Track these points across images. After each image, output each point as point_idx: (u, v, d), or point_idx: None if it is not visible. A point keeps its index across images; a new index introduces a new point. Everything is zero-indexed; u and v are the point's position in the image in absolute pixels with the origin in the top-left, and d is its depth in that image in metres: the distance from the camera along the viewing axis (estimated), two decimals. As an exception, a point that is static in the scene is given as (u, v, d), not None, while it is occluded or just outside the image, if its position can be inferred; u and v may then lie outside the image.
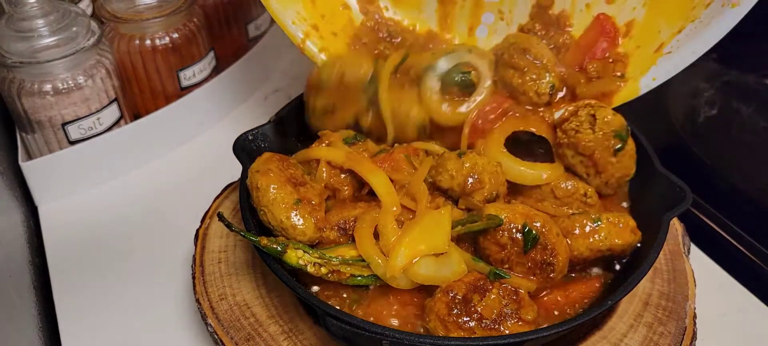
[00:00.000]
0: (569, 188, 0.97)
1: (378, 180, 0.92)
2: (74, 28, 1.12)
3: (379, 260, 0.84)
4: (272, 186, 0.87)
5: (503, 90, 1.02)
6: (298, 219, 0.86)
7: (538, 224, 0.86)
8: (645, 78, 1.02)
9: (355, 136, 1.02)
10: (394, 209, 0.90)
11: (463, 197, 0.93)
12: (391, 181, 0.94)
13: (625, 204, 1.01)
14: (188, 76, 1.33)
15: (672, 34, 1.01)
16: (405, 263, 0.83)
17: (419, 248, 0.84)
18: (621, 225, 0.89)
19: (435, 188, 0.94)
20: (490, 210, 0.87)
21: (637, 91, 1.02)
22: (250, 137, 1.00)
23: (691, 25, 0.99)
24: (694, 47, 0.98)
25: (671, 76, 1.00)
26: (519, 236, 0.85)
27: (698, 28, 0.98)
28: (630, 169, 0.97)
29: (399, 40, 1.14)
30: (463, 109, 1.01)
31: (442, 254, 0.85)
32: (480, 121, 1.01)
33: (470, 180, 0.91)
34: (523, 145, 1.01)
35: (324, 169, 0.96)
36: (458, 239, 0.89)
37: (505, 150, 0.98)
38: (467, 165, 0.92)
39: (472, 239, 0.90)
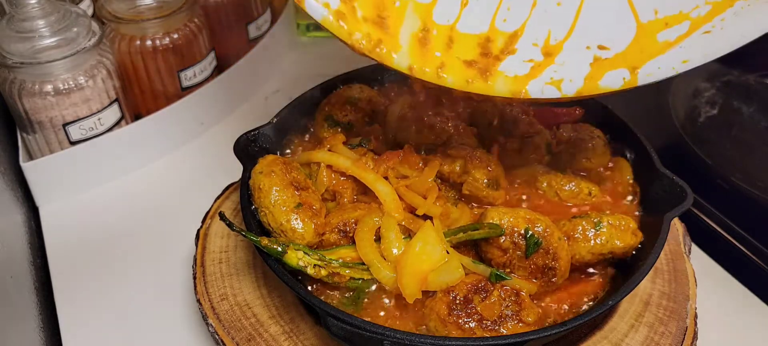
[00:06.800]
0: (573, 189, 0.98)
1: (383, 189, 0.93)
2: (75, 29, 1.12)
3: (380, 265, 0.84)
4: (275, 188, 0.88)
5: None
6: (298, 223, 0.86)
7: (540, 228, 0.86)
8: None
9: (360, 142, 1.02)
10: (397, 215, 0.90)
11: (464, 179, 0.94)
12: (403, 176, 0.95)
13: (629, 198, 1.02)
14: (189, 76, 1.33)
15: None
16: (419, 288, 0.83)
17: (423, 269, 0.83)
18: (622, 227, 0.89)
19: (438, 178, 0.96)
20: (493, 213, 0.87)
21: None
22: (251, 138, 1.00)
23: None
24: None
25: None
26: (521, 240, 0.85)
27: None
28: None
29: None
30: None
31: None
32: None
33: (470, 160, 0.95)
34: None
35: (324, 174, 0.96)
36: (459, 244, 0.89)
37: None
38: (465, 152, 0.96)
39: (474, 242, 0.90)
